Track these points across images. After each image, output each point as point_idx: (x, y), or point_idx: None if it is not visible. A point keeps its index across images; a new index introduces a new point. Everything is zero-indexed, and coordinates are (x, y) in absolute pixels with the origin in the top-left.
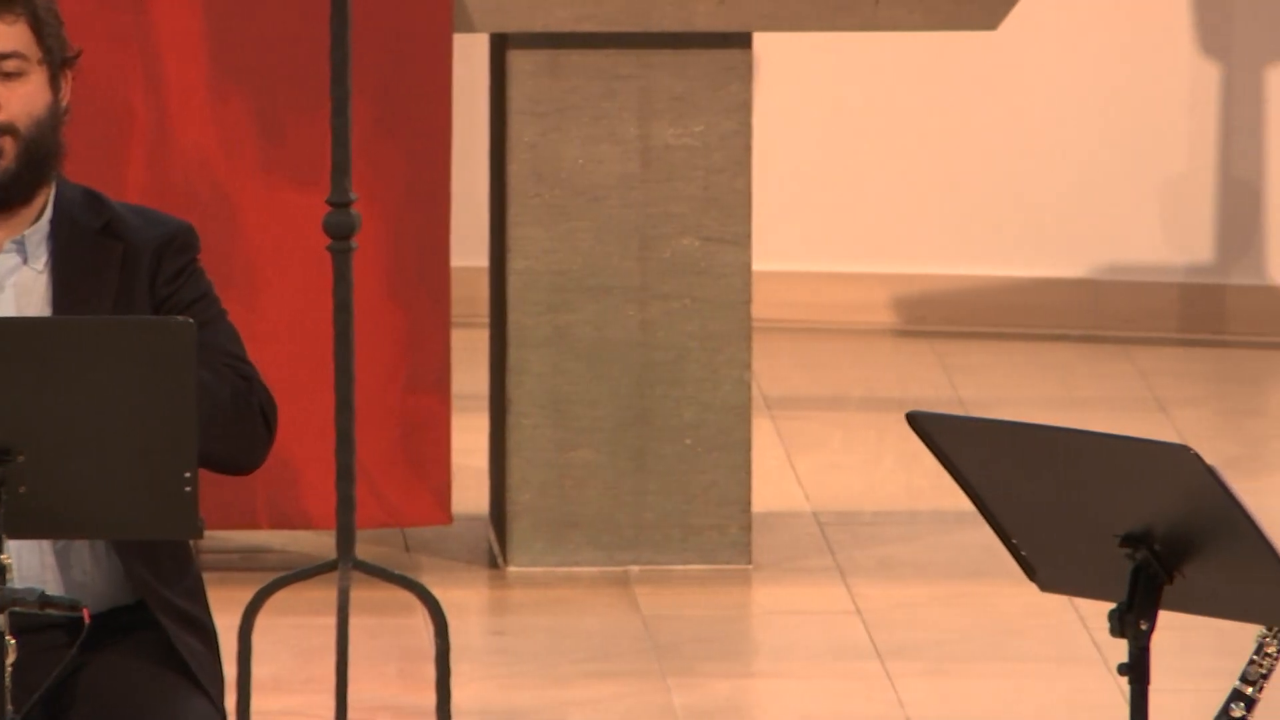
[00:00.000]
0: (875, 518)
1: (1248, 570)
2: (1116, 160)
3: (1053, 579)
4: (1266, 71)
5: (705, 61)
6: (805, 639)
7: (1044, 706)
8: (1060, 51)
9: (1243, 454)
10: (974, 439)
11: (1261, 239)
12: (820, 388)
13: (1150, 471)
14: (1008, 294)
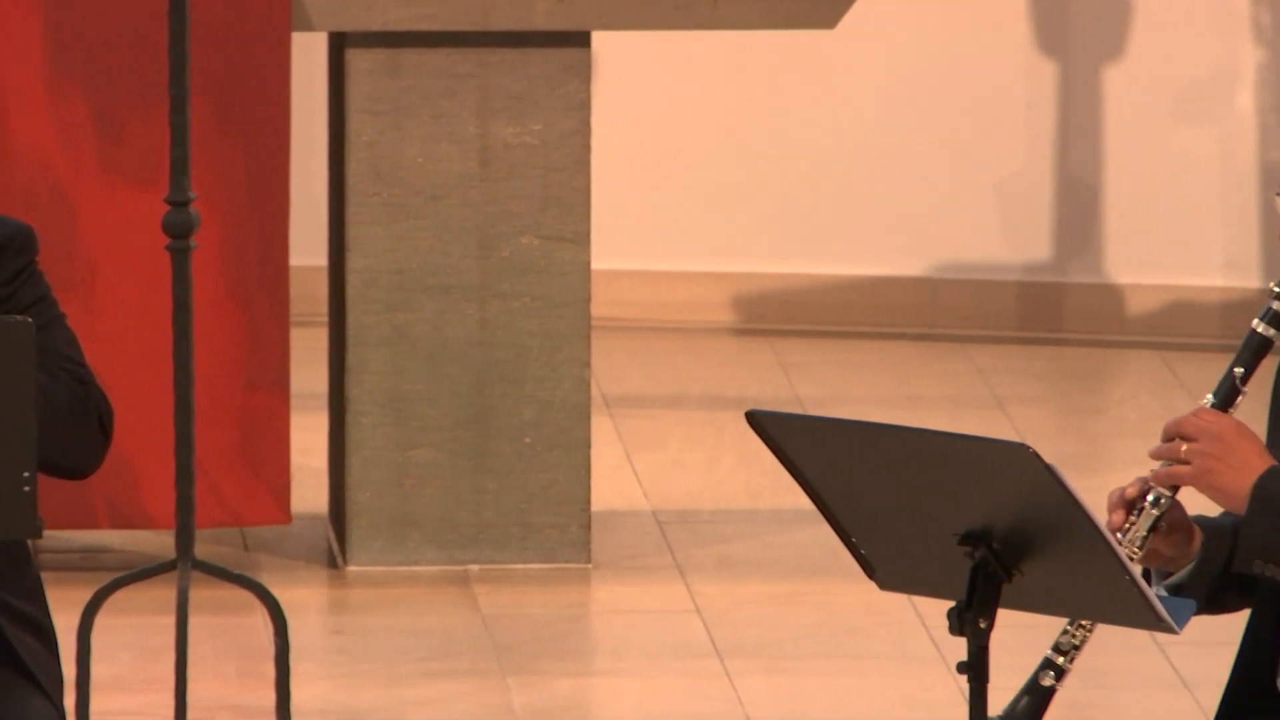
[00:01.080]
0: (714, 516)
1: (1086, 568)
2: (954, 159)
3: (892, 577)
4: (1103, 70)
5: (544, 60)
6: (645, 637)
7: (883, 705)
8: (897, 50)
9: (1081, 452)
10: (813, 437)
11: (1099, 237)
12: (659, 386)
13: (989, 470)
14: (846, 292)
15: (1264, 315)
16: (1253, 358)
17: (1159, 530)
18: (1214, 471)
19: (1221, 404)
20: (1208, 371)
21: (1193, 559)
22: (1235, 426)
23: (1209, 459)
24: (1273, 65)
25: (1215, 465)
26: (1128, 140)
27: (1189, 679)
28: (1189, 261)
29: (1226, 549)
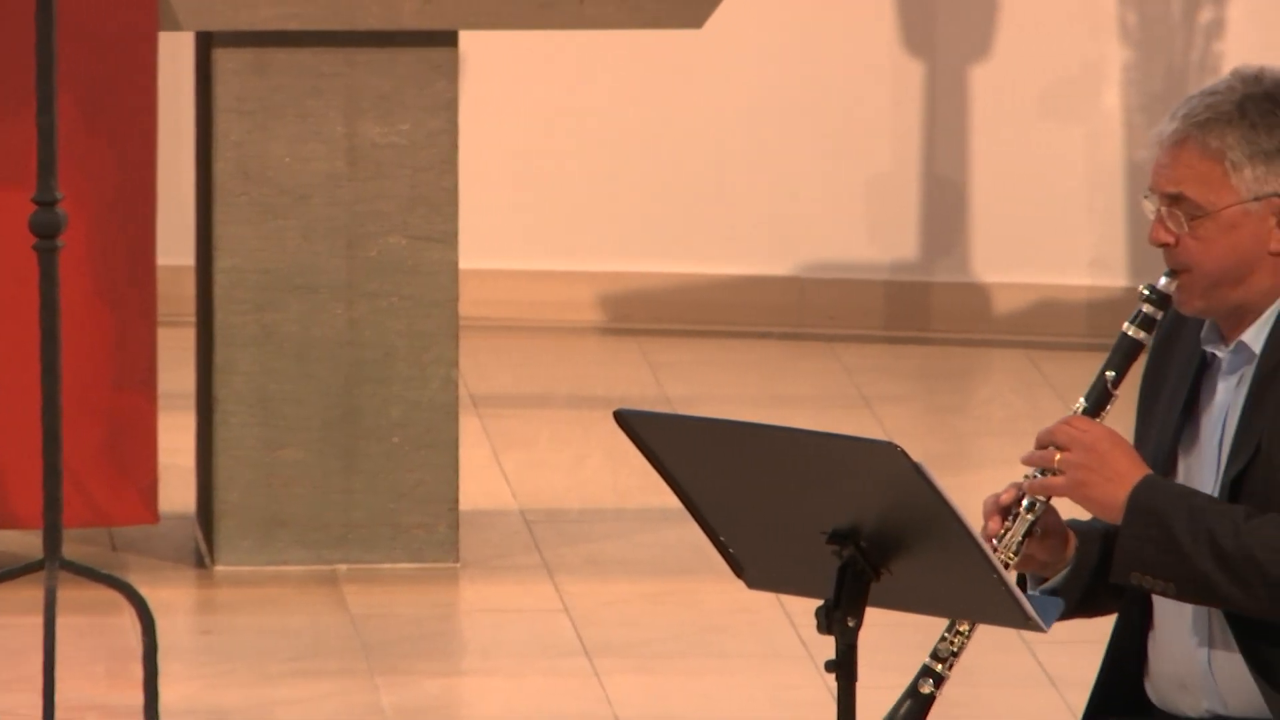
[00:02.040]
0: (582, 515)
1: (953, 567)
2: (821, 158)
3: (760, 576)
4: (969, 69)
5: (411, 60)
6: (513, 637)
7: (751, 703)
8: (764, 50)
9: (948, 450)
10: (681, 437)
11: (965, 236)
12: (527, 386)
13: (856, 469)
14: (713, 291)
15: (1134, 318)
16: (1124, 361)
17: (1034, 536)
18: (1088, 483)
19: (1094, 409)
20: (1074, 370)
21: (1068, 564)
22: (1109, 436)
23: (1082, 469)
24: (1139, 64)
25: (1089, 476)
26: (994, 140)
27: (1056, 678)
28: (1055, 261)
29: (1099, 552)
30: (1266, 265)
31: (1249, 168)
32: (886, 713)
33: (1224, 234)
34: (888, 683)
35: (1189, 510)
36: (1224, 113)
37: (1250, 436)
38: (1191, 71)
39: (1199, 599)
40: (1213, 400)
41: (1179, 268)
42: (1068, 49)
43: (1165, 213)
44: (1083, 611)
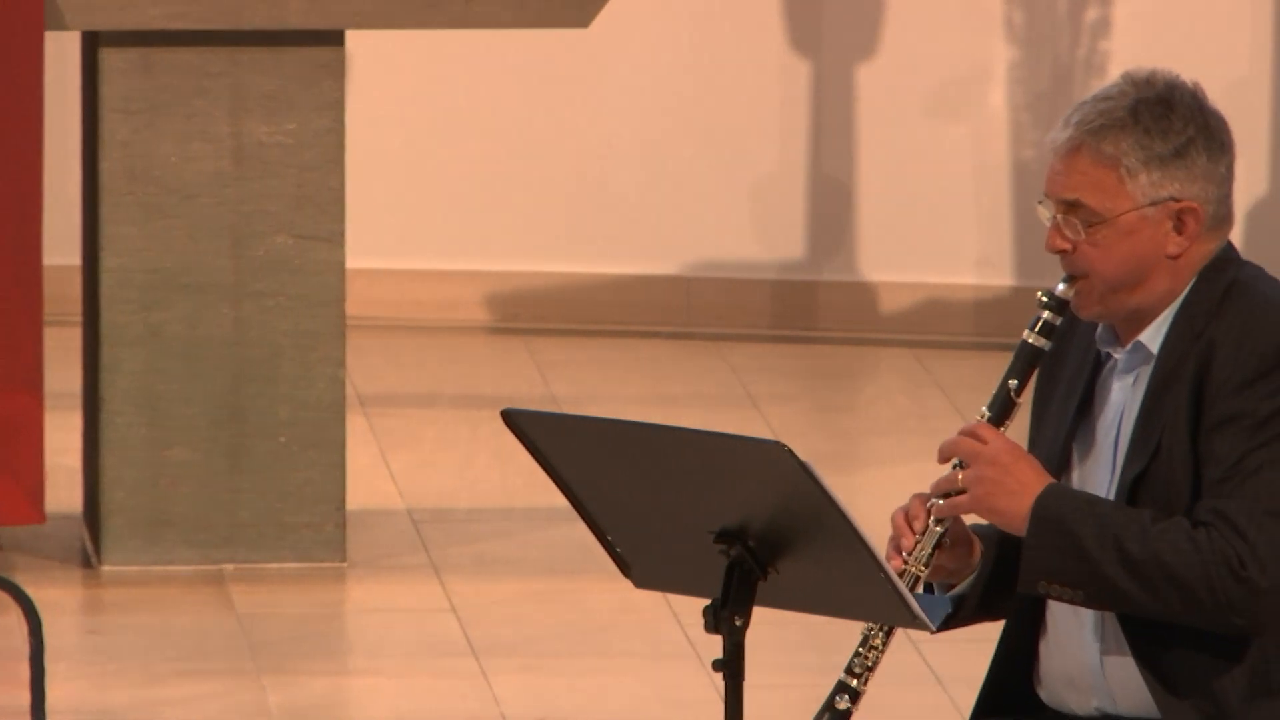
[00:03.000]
0: (469, 515)
1: (841, 565)
2: (708, 157)
3: (647, 575)
4: (856, 69)
5: (297, 59)
6: (400, 636)
7: (638, 703)
8: (651, 49)
9: (835, 450)
10: (568, 436)
11: (852, 235)
12: (414, 385)
13: (744, 468)
14: (600, 291)
15: (1034, 326)
16: (1025, 368)
17: (943, 546)
18: (992, 495)
19: (998, 418)
20: (961, 369)
21: (974, 570)
22: (1010, 449)
23: (986, 483)
24: (1025, 63)
25: (992, 489)
26: (881, 139)
27: (944, 676)
28: (942, 259)
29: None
30: (1163, 269)
31: (1144, 173)
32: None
33: (1121, 240)
34: (774, 681)
35: (1095, 518)
36: (1117, 119)
37: (1149, 436)
38: (1078, 70)
39: (1108, 606)
40: (1108, 400)
41: (1076, 274)
42: (954, 48)
43: (1061, 220)
44: (985, 615)
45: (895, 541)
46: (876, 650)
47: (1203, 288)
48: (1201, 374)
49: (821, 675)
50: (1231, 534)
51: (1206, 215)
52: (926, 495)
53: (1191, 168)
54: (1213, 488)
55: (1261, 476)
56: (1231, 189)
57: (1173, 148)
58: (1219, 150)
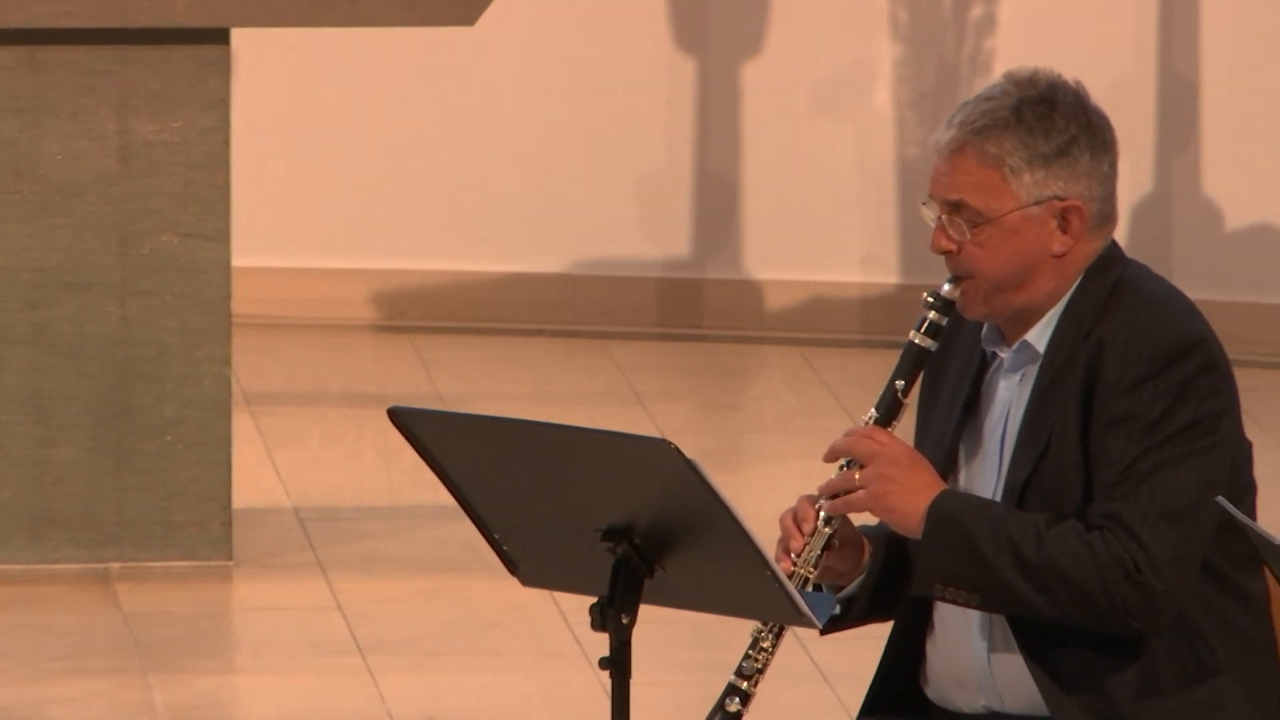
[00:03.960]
0: (356, 513)
1: (728, 564)
2: (594, 155)
3: (534, 573)
4: (742, 67)
5: (183, 58)
6: (286, 635)
7: (525, 701)
8: (537, 47)
9: (721, 448)
10: (455, 434)
11: (738, 233)
12: (300, 383)
13: (630, 466)
14: (486, 289)
15: (920, 326)
16: (912, 369)
17: (832, 548)
18: (889, 494)
19: (885, 419)
20: (847, 367)
21: (863, 571)
22: (907, 451)
23: (885, 482)
24: (910, 61)
25: (889, 488)
26: (766, 137)
27: (830, 674)
28: (827, 258)
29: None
30: (1048, 268)
31: (1028, 173)
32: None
33: (1006, 240)
34: (660, 679)
35: (990, 521)
36: (1000, 118)
37: (1038, 436)
38: (963, 68)
39: (1003, 609)
40: (994, 400)
41: (962, 274)
42: (839, 46)
43: (946, 220)
44: (874, 616)
45: (784, 543)
46: (766, 653)
47: (1088, 287)
48: (1091, 374)
49: (708, 673)
50: (1126, 537)
51: (1091, 214)
52: (814, 497)
53: (1075, 166)
54: (1105, 490)
55: (1154, 479)
56: (1115, 187)
57: (1056, 146)
58: (1102, 148)
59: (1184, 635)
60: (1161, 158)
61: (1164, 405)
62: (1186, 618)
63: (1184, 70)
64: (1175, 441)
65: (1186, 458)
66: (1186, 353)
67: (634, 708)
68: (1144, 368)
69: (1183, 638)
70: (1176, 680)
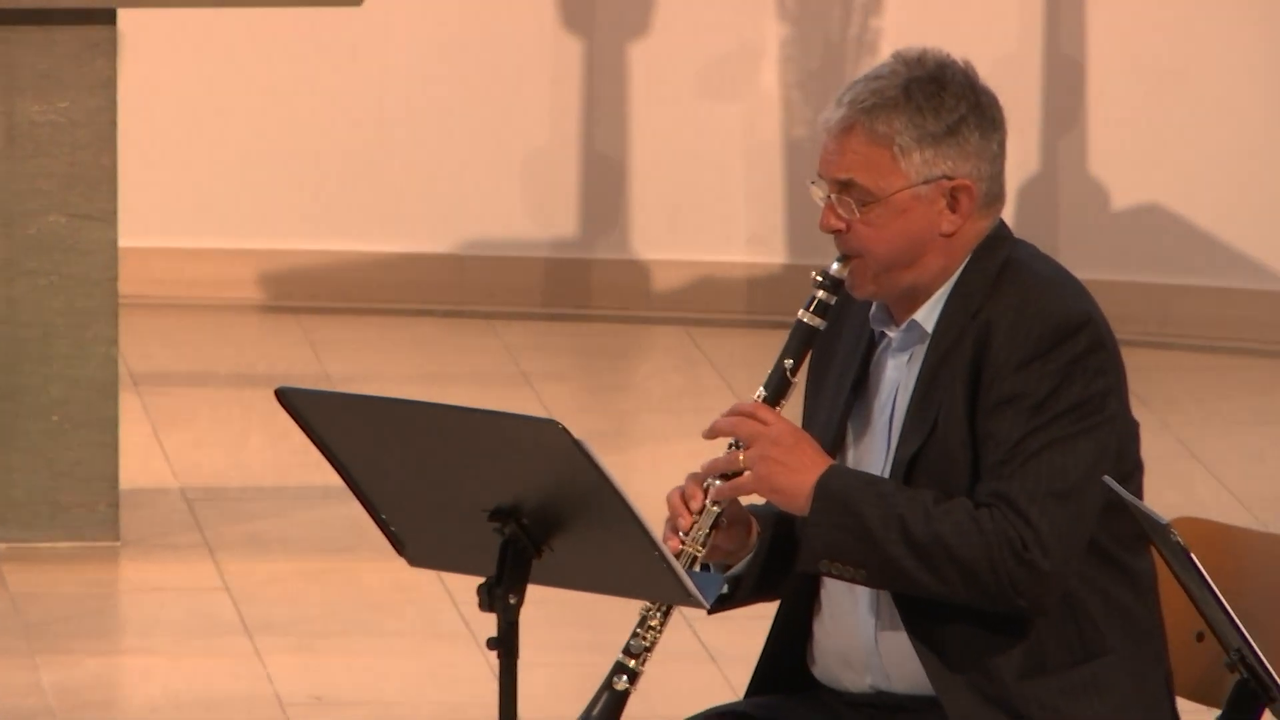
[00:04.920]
0: (243, 494)
1: (615, 544)
2: (480, 135)
3: (422, 554)
4: (628, 47)
5: (70, 38)
6: (173, 615)
7: (413, 681)
8: (423, 26)
9: (609, 428)
10: (342, 414)
11: (625, 213)
12: (187, 364)
13: (518, 446)
14: (373, 269)
15: (808, 305)
16: (801, 348)
17: (720, 526)
18: (774, 475)
19: (774, 397)
20: (733, 347)
21: (751, 550)
22: (793, 429)
23: (769, 463)
24: (796, 41)
25: (776, 469)
26: (653, 117)
27: (717, 654)
28: (714, 238)
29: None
30: (937, 247)
31: (917, 152)
32: (582, 711)
33: (895, 218)
34: (549, 660)
35: (878, 498)
36: (890, 98)
37: (926, 415)
38: (849, 48)
39: (890, 585)
40: (882, 379)
41: (851, 253)
42: (726, 27)
43: (835, 199)
44: (762, 595)
45: (672, 522)
46: (654, 631)
47: (977, 266)
48: (979, 353)
49: (596, 653)
50: (1014, 516)
51: (980, 193)
52: (702, 476)
53: (964, 145)
54: (993, 469)
55: (1042, 458)
56: (1003, 167)
57: (945, 126)
58: (991, 128)
59: (1071, 615)
60: (1047, 137)
61: (1051, 384)
62: (1073, 598)
63: (1070, 50)
64: (1062, 421)
65: (1074, 437)
66: (1074, 332)
67: (522, 688)
68: (1032, 347)
69: (1069, 617)
70: (1062, 659)
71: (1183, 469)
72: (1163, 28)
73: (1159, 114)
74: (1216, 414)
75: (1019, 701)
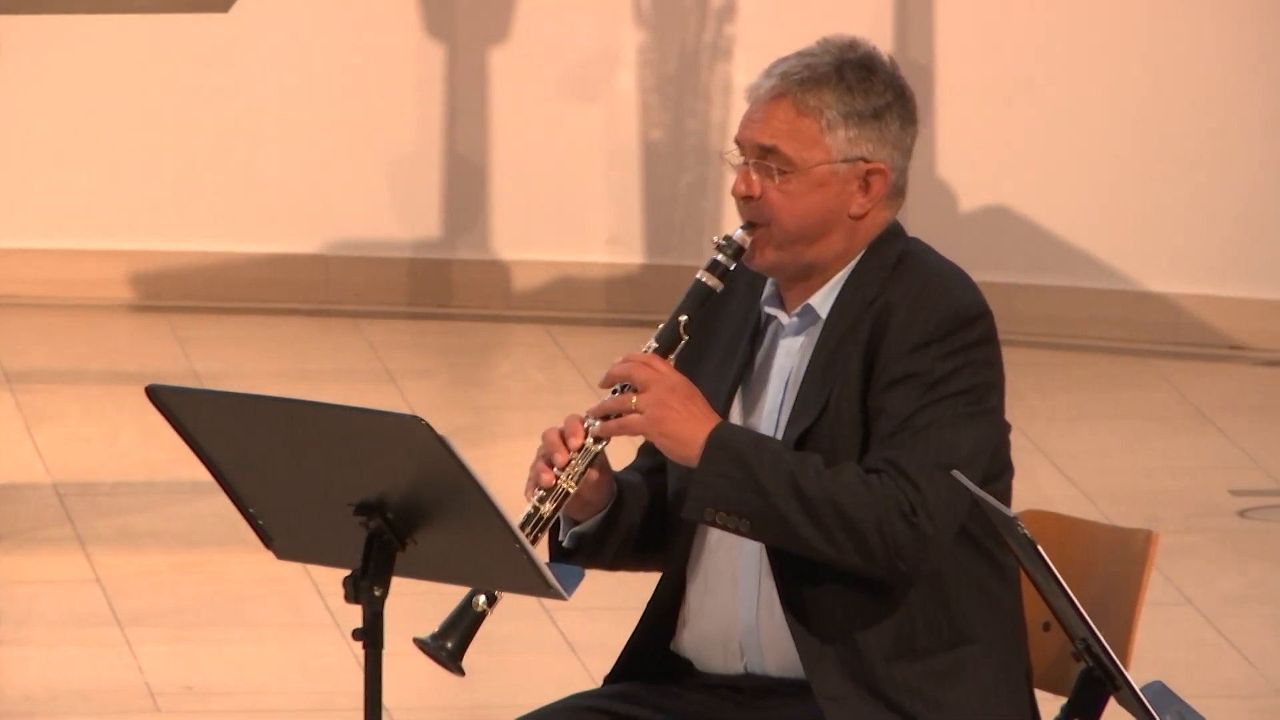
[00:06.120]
0: (114, 489)
1: (478, 537)
2: (346, 139)
3: (289, 547)
4: (491, 53)
5: None
6: (46, 607)
7: (281, 671)
8: (291, 33)
9: (471, 424)
10: (211, 411)
11: (486, 215)
12: (60, 362)
13: (382, 442)
14: (242, 269)
15: (709, 266)
16: (696, 306)
17: (597, 468)
18: (666, 419)
19: (665, 349)
20: (592, 344)
21: (603, 509)
22: (685, 381)
23: (662, 408)
24: (654, 47)
25: (667, 414)
26: (515, 121)
27: (576, 644)
28: (573, 239)
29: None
30: (843, 227)
31: (843, 128)
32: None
33: (810, 191)
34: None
35: (769, 453)
36: (823, 73)
37: (817, 395)
38: (704, 54)
39: (772, 538)
40: (773, 359)
41: (759, 221)
42: (584, 33)
43: (754, 165)
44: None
45: (547, 457)
46: None
47: (873, 258)
48: (876, 336)
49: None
50: (904, 481)
51: (890, 181)
52: (584, 416)
53: (885, 131)
54: (884, 439)
55: (930, 432)
56: (909, 165)
57: (873, 108)
58: (910, 121)
59: (940, 600)
60: None
61: (945, 367)
62: (944, 584)
63: (919, 57)
64: (952, 402)
65: (961, 419)
66: (971, 321)
67: (386, 677)
68: (930, 331)
69: (939, 602)
70: (930, 644)
71: (1029, 463)
72: (1008, 37)
73: (1004, 120)
74: (1059, 409)
75: (885, 684)
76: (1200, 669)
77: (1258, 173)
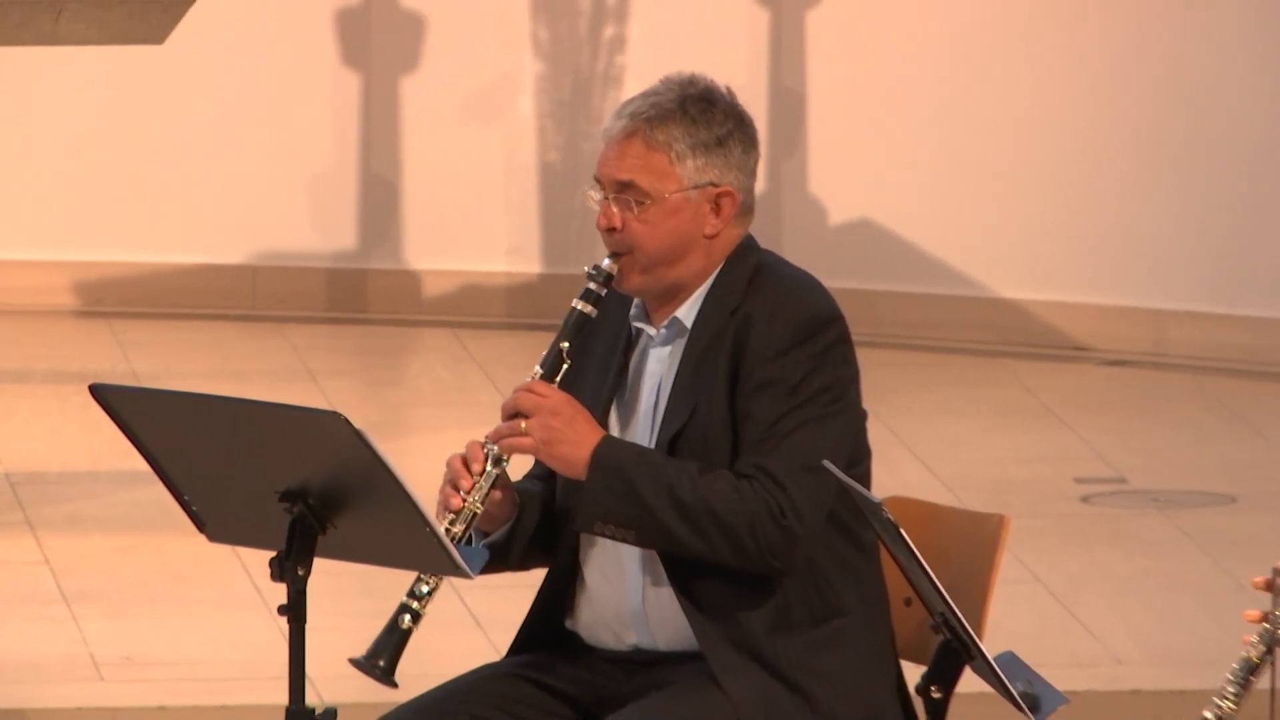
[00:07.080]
0: (61, 478)
1: (392, 521)
2: (270, 158)
3: (220, 531)
4: (401, 79)
5: None
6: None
7: (212, 644)
8: (221, 62)
9: (385, 419)
10: (149, 407)
11: (398, 228)
12: (8, 363)
13: (305, 435)
14: (176, 278)
15: (582, 295)
16: (574, 333)
17: (499, 488)
18: (553, 441)
19: (550, 374)
20: (495, 346)
21: (509, 521)
22: (569, 401)
23: (549, 430)
24: (550, 75)
25: (554, 435)
26: (423, 141)
27: (482, 619)
28: (477, 249)
29: (535, 513)
30: (700, 247)
31: (691, 158)
32: (369, 646)
33: (667, 218)
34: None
35: (649, 466)
36: (667, 109)
37: (687, 400)
38: (596, 81)
39: (658, 544)
40: (644, 370)
41: (622, 250)
42: (487, 61)
43: (614, 199)
44: (526, 563)
45: (453, 483)
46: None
47: (731, 270)
48: (739, 343)
49: (377, 618)
50: (773, 486)
51: (739, 202)
52: (483, 442)
53: (729, 157)
54: (753, 446)
55: (795, 437)
56: (754, 184)
57: (716, 137)
58: (751, 145)
59: (812, 579)
60: (773, 160)
61: (804, 370)
62: (815, 563)
63: (791, 82)
64: (813, 403)
65: (823, 419)
66: (825, 326)
67: (309, 650)
68: (789, 337)
69: (811, 581)
70: (805, 617)
71: (892, 454)
72: (872, 61)
73: (870, 139)
74: (920, 405)
75: (769, 654)
76: (1047, 641)
77: (1103, 189)
